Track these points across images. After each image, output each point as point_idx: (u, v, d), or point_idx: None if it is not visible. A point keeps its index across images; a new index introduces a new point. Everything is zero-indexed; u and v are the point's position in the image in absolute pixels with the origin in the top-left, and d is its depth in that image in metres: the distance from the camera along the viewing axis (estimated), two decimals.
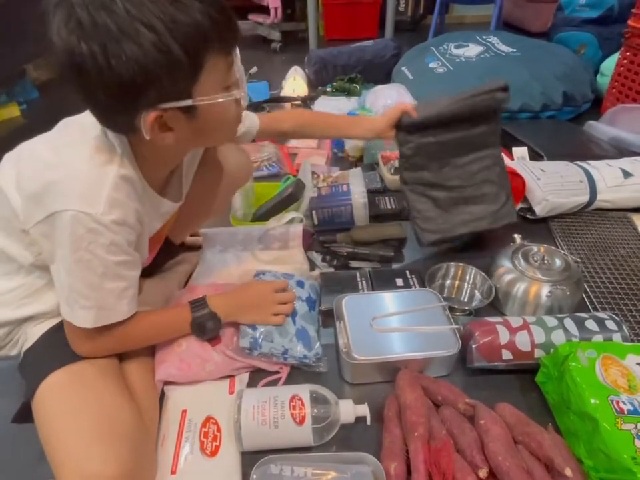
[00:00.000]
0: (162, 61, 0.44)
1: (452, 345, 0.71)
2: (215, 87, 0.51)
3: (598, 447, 0.55)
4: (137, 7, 0.43)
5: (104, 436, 0.53)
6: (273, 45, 2.79)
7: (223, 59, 0.50)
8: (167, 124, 0.50)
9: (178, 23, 0.44)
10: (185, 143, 0.57)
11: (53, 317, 0.67)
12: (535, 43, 1.84)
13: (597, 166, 1.15)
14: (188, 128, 0.53)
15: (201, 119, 0.52)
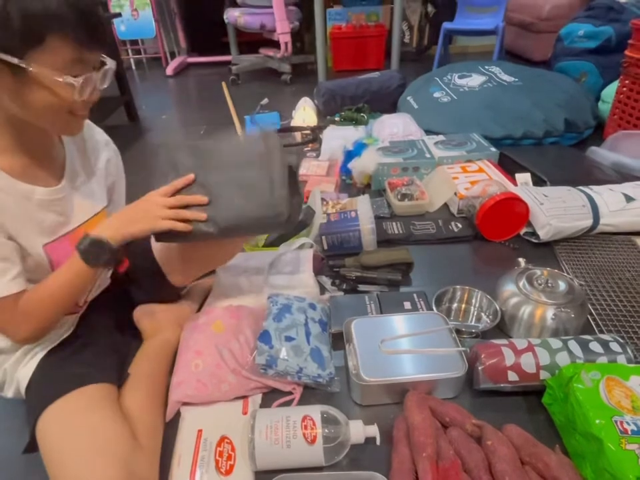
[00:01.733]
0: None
1: (459, 367, 0.73)
2: (51, 66, 0.54)
3: (603, 467, 0.56)
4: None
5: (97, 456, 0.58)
6: (283, 77, 2.91)
7: (70, 48, 0.54)
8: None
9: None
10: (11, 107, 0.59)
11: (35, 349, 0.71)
12: (536, 72, 1.91)
13: (599, 191, 1.18)
14: (12, 89, 0.56)
15: (28, 87, 0.55)
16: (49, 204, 0.67)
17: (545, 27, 2.81)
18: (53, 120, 0.62)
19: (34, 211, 0.65)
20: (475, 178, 1.32)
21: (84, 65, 0.57)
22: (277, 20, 2.73)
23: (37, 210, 0.65)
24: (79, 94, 0.58)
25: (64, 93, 0.57)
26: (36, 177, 0.66)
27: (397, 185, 1.36)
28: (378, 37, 3.06)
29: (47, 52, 0.53)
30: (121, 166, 0.86)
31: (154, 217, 0.68)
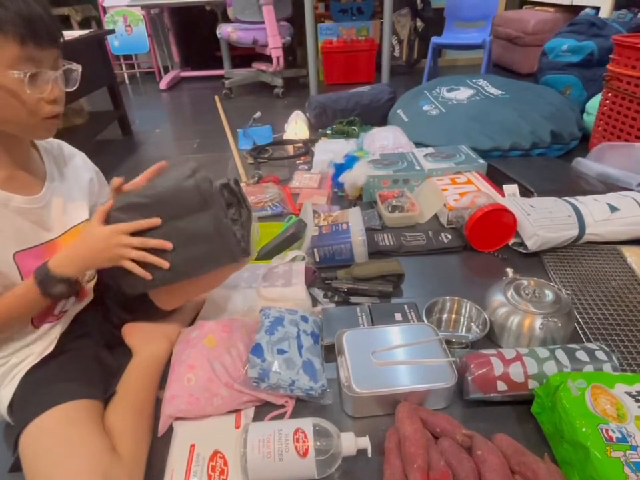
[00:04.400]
0: None
1: (449, 378, 0.74)
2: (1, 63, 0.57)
3: (590, 475, 0.57)
4: None
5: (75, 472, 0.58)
6: (276, 91, 2.95)
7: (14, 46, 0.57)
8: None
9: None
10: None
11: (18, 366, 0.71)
12: (522, 86, 1.95)
13: (584, 201, 1.21)
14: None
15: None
16: (25, 212, 0.68)
17: (531, 40, 2.88)
18: (17, 121, 0.63)
19: (10, 217, 0.66)
20: (464, 189, 1.34)
21: (35, 63, 0.60)
22: (269, 35, 2.78)
23: (13, 217, 0.66)
24: (29, 88, 0.60)
25: (14, 88, 0.59)
26: (15, 186, 0.67)
27: (387, 197, 1.38)
28: (368, 51, 3.12)
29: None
30: (104, 183, 0.87)
31: (116, 255, 0.67)
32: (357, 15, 3.32)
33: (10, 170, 0.67)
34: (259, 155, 1.89)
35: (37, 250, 0.69)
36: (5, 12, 0.56)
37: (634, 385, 0.66)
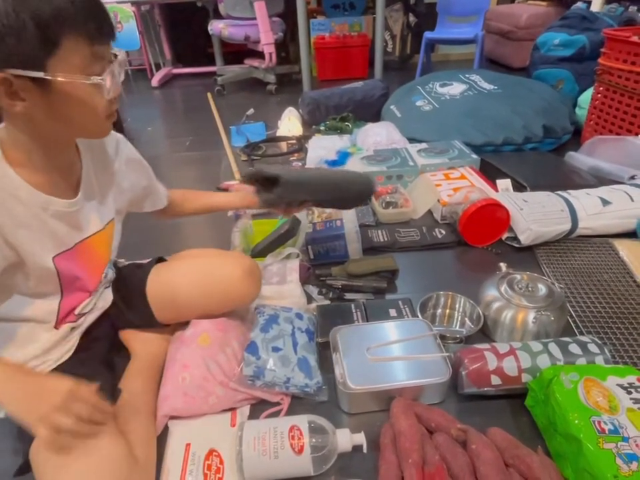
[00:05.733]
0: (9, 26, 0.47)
1: (443, 373, 0.75)
2: (73, 69, 0.52)
3: (583, 466, 0.58)
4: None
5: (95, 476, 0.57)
6: (269, 87, 2.93)
7: (86, 45, 0.53)
8: (18, 93, 0.52)
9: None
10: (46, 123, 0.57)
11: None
12: (515, 80, 1.96)
13: (576, 195, 1.21)
14: (42, 103, 0.54)
15: (57, 98, 0.53)
16: (63, 215, 0.66)
17: (523, 35, 2.89)
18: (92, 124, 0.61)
19: (49, 221, 0.64)
20: (457, 185, 1.35)
21: (102, 61, 0.55)
22: (260, 31, 2.76)
23: (52, 221, 0.64)
24: (107, 92, 0.56)
25: (95, 95, 0.56)
26: (54, 188, 0.64)
27: (381, 193, 1.38)
28: (361, 46, 3.10)
29: (64, 56, 0.51)
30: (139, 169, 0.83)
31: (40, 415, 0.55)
32: (350, 10, 3.31)
33: (50, 174, 0.64)
34: (252, 152, 1.88)
35: (71, 252, 0.68)
36: (74, 9, 0.50)
37: (626, 377, 0.66)
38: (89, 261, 0.73)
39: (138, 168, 0.83)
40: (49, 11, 0.49)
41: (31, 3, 0.48)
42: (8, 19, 0.47)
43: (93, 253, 0.74)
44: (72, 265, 0.68)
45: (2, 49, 0.48)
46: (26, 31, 0.48)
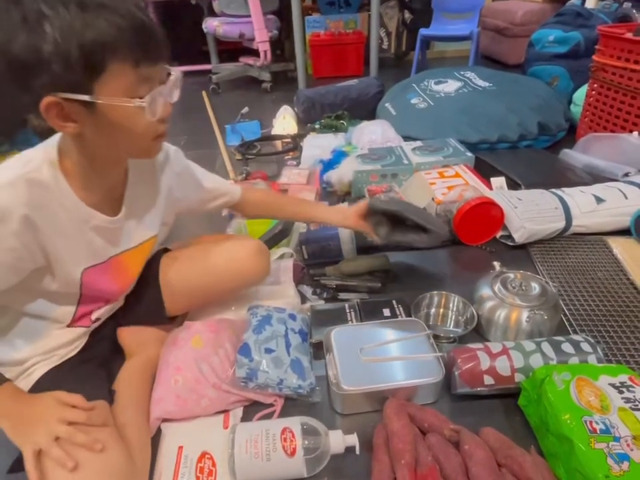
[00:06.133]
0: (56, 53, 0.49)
1: (436, 373, 0.75)
2: (118, 92, 0.53)
3: (575, 466, 0.58)
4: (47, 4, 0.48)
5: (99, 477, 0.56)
6: (264, 85, 2.92)
7: (131, 69, 0.53)
8: (69, 115, 0.54)
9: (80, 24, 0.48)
10: (96, 143, 0.59)
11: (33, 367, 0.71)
12: (510, 77, 1.95)
13: (570, 193, 1.21)
14: (93, 125, 0.56)
15: (104, 119, 0.55)
16: (103, 230, 0.68)
17: (519, 31, 2.88)
18: (138, 145, 0.62)
19: (88, 234, 0.66)
20: (452, 183, 1.34)
21: (149, 82, 0.56)
22: (255, 29, 2.74)
23: (91, 234, 0.66)
24: (150, 114, 0.56)
25: (137, 117, 0.56)
26: (98, 203, 0.66)
27: (376, 192, 1.37)
28: (356, 43, 3.09)
29: (109, 79, 0.52)
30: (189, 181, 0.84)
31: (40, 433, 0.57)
32: (345, 7, 3.29)
33: (96, 189, 0.65)
34: (247, 151, 1.87)
35: (102, 266, 0.70)
36: (118, 32, 0.50)
37: (618, 376, 0.67)
38: (119, 276, 0.75)
39: (189, 180, 0.84)
40: (93, 37, 0.49)
41: (76, 31, 0.49)
42: (55, 47, 0.48)
43: (124, 268, 0.76)
44: (100, 278, 0.70)
45: (50, 74, 0.50)
46: (71, 57, 0.49)
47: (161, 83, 0.58)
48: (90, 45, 0.49)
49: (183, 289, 0.86)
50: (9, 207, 0.55)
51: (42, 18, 0.48)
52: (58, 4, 0.48)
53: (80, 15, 0.49)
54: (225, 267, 0.86)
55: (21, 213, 0.56)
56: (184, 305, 0.89)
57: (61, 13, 0.48)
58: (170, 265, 0.86)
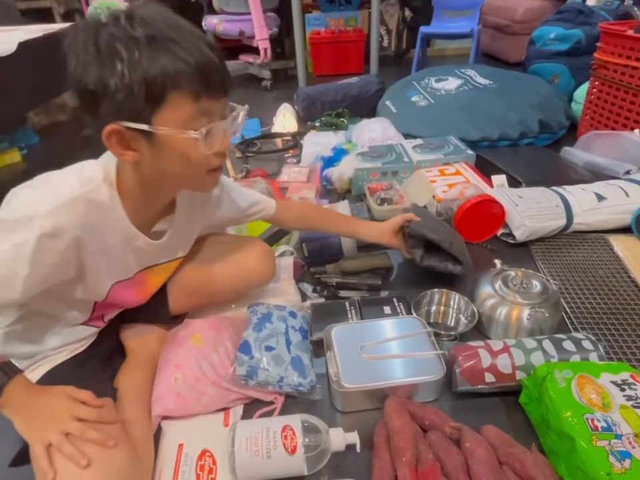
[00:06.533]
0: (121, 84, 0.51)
1: (437, 370, 0.74)
2: (176, 123, 0.54)
3: (576, 464, 0.58)
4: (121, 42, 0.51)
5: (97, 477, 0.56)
6: (264, 83, 2.91)
7: (190, 102, 0.54)
8: (129, 143, 0.56)
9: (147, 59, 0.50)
10: (152, 171, 0.60)
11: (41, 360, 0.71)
12: (510, 75, 1.95)
13: (571, 191, 1.21)
14: (150, 155, 0.57)
15: (161, 149, 0.56)
16: (140, 252, 0.69)
17: (519, 29, 2.87)
18: (193, 177, 0.63)
19: (127, 253, 0.67)
20: (453, 181, 1.34)
21: (209, 116, 0.56)
22: (255, 26, 2.73)
23: (129, 253, 0.67)
24: (205, 146, 0.57)
25: (192, 149, 0.57)
26: (143, 225, 0.67)
27: (376, 190, 1.37)
28: (357, 41, 3.08)
29: (168, 111, 0.53)
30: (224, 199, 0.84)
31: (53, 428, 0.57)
32: (345, 4, 3.28)
33: (147, 214, 0.68)
34: (246, 149, 1.87)
35: (129, 281, 0.71)
36: (183, 66, 0.52)
37: (619, 374, 0.66)
38: (142, 289, 0.77)
39: (227, 201, 0.84)
40: (158, 70, 0.51)
41: (142, 64, 0.50)
42: (121, 80, 0.50)
43: (148, 282, 0.77)
44: (125, 291, 0.71)
45: (113, 104, 0.52)
46: (135, 89, 0.51)
47: (222, 118, 0.58)
48: (153, 77, 0.51)
49: (188, 291, 0.86)
50: (64, 227, 0.55)
51: (114, 54, 0.50)
52: (132, 43, 0.51)
53: (148, 49, 0.51)
54: (232, 272, 0.87)
55: (73, 234, 0.56)
56: (187, 305, 0.90)
57: (132, 49, 0.50)
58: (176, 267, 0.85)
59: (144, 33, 0.51)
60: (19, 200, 0.56)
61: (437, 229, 0.99)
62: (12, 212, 0.55)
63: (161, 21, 0.52)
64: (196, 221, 0.79)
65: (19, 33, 1.65)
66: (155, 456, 0.68)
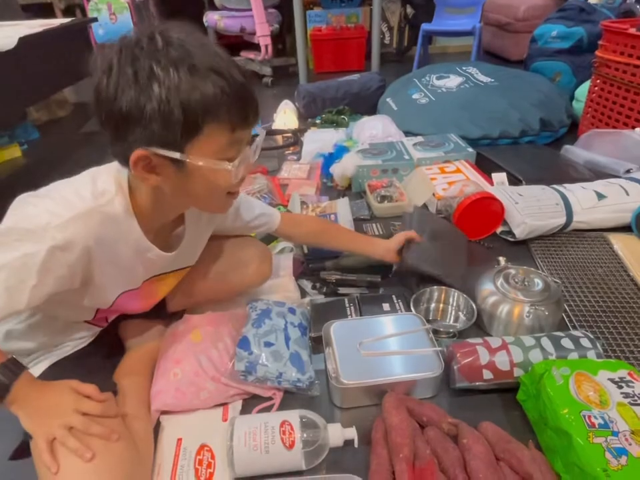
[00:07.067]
0: (158, 111, 0.49)
1: (435, 367, 0.75)
2: (209, 153, 0.54)
3: (573, 460, 0.58)
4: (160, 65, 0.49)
5: (101, 471, 0.56)
6: (265, 80, 2.91)
7: (226, 132, 0.53)
8: (155, 168, 0.55)
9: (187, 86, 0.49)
10: (173, 194, 0.60)
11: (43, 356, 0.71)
12: (512, 73, 1.94)
13: (572, 189, 1.21)
14: (174, 180, 0.56)
15: (189, 176, 0.56)
16: (150, 263, 0.68)
17: (521, 27, 2.86)
18: (216, 203, 0.64)
19: (136, 264, 0.66)
20: (453, 178, 1.34)
21: (239, 145, 0.56)
22: (256, 23, 2.73)
23: (139, 264, 0.67)
24: (236, 177, 0.57)
25: (221, 179, 0.57)
26: (157, 238, 0.67)
27: (376, 187, 1.37)
28: (358, 38, 3.07)
29: (203, 140, 0.52)
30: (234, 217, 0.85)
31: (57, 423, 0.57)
32: (346, 1, 3.27)
33: (157, 229, 0.67)
34: None
35: (136, 291, 0.70)
36: (223, 97, 0.50)
37: (617, 372, 0.66)
38: (147, 298, 0.76)
39: (233, 213, 0.84)
40: (198, 99, 0.49)
41: (181, 92, 0.49)
42: (160, 105, 0.49)
43: (155, 291, 0.77)
44: (131, 300, 0.71)
45: (148, 130, 0.50)
46: (172, 117, 0.49)
47: (247, 144, 0.58)
48: (192, 106, 0.49)
49: (186, 291, 0.86)
50: (76, 240, 0.55)
51: (152, 78, 0.48)
52: (170, 66, 0.49)
53: (188, 77, 0.49)
54: (230, 273, 0.88)
55: (84, 246, 0.56)
56: (184, 303, 0.90)
57: (171, 75, 0.49)
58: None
59: (184, 59, 0.49)
60: (31, 208, 0.55)
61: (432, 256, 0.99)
62: (24, 220, 0.54)
63: (198, 47, 0.51)
64: (204, 231, 0.80)
65: (19, 28, 1.64)
66: (154, 450, 0.69)
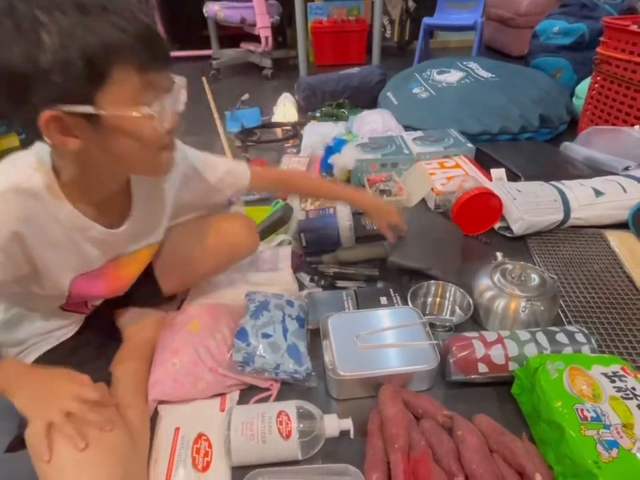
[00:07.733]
0: (54, 62, 0.45)
1: (431, 360, 0.75)
2: (123, 101, 0.50)
3: (564, 452, 0.59)
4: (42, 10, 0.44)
5: (96, 460, 0.56)
6: (265, 72, 2.89)
7: (136, 75, 0.49)
8: (70, 130, 0.50)
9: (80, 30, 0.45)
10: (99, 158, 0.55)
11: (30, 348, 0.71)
12: (513, 69, 1.94)
13: (570, 185, 1.21)
14: (96, 140, 0.52)
15: (109, 133, 0.51)
16: (99, 241, 0.65)
17: (523, 22, 2.85)
18: (147, 159, 0.57)
19: (82, 244, 0.63)
20: (452, 174, 1.34)
21: (155, 90, 0.52)
22: (257, 14, 2.71)
23: (85, 244, 0.63)
24: (160, 123, 0.53)
25: (145, 129, 0.52)
26: (99, 215, 0.63)
27: (375, 181, 1.37)
28: (359, 31, 3.06)
29: (113, 88, 0.48)
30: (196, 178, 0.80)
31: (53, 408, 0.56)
32: None
33: (97, 202, 0.62)
34: (246, 138, 1.86)
35: (93, 272, 0.68)
36: (123, 36, 0.46)
37: (610, 366, 0.67)
38: (111, 281, 0.73)
39: (195, 177, 0.79)
40: (97, 43, 0.45)
41: (76, 36, 0.45)
42: (54, 55, 0.44)
43: (119, 273, 0.73)
44: (90, 284, 0.68)
45: (49, 86, 0.46)
46: (73, 66, 0.45)
47: (166, 92, 0.54)
48: (92, 50, 0.45)
49: (174, 269, 0.85)
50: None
51: (38, 26, 0.44)
52: (54, 10, 0.44)
53: (80, 19, 0.45)
54: (213, 239, 0.86)
55: (10, 229, 0.53)
56: (177, 281, 0.88)
57: (58, 18, 0.44)
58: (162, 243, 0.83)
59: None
60: None
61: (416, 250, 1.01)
62: None
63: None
64: (160, 202, 0.75)
65: None
66: (152, 439, 0.69)
